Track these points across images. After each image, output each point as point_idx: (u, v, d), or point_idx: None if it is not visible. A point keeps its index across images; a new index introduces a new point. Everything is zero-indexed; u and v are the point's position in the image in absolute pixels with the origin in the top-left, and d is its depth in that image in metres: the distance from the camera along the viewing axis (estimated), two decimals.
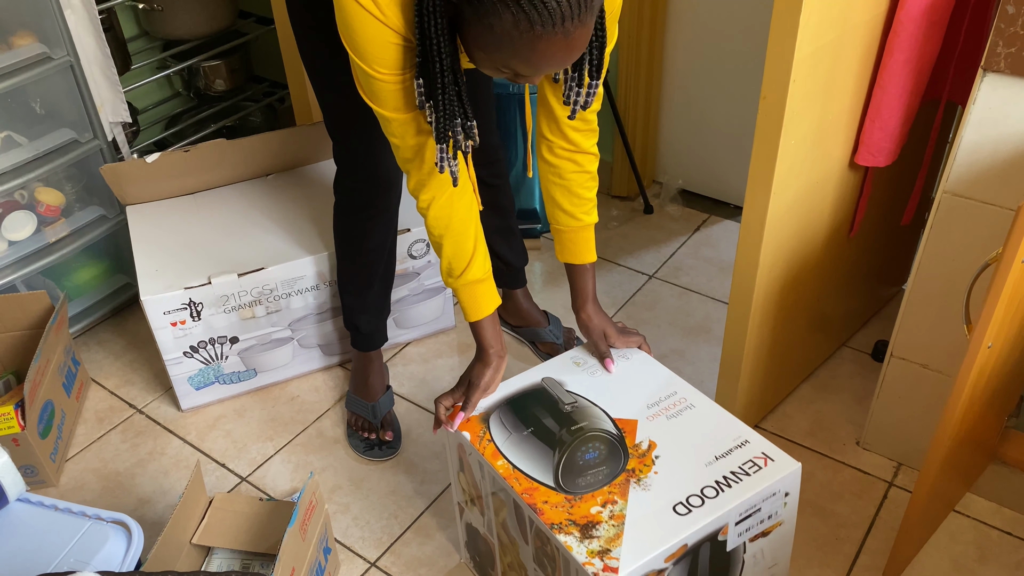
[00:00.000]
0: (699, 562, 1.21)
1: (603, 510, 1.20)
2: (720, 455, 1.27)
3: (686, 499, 1.20)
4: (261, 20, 2.66)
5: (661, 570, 1.17)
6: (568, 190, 1.41)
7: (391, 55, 1.14)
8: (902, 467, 1.73)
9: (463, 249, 1.34)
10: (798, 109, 1.35)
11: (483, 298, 1.39)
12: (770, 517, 1.27)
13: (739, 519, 1.22)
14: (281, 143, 2.08)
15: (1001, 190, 1.36)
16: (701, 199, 2.54)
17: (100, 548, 1.32)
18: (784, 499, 1.27)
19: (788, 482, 1.26)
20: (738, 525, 1.23)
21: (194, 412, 1.95)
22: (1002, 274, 1.11)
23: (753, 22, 2.15)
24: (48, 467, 1.75)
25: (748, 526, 1.24)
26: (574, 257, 1.47)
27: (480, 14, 1.00)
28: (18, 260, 1.97)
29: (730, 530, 1.22)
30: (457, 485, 1.48)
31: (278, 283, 1.84)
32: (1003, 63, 1.25)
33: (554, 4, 0.97)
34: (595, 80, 1.19)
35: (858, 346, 2.01)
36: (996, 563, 1.55)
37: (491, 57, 1.04)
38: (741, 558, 1.27)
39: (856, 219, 1.72)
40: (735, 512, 1.21)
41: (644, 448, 1.29)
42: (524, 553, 1.32)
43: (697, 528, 1.17)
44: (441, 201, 1.31)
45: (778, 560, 1.34)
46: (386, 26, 1.11)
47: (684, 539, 1.17)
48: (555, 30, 0.99)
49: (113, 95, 2.03)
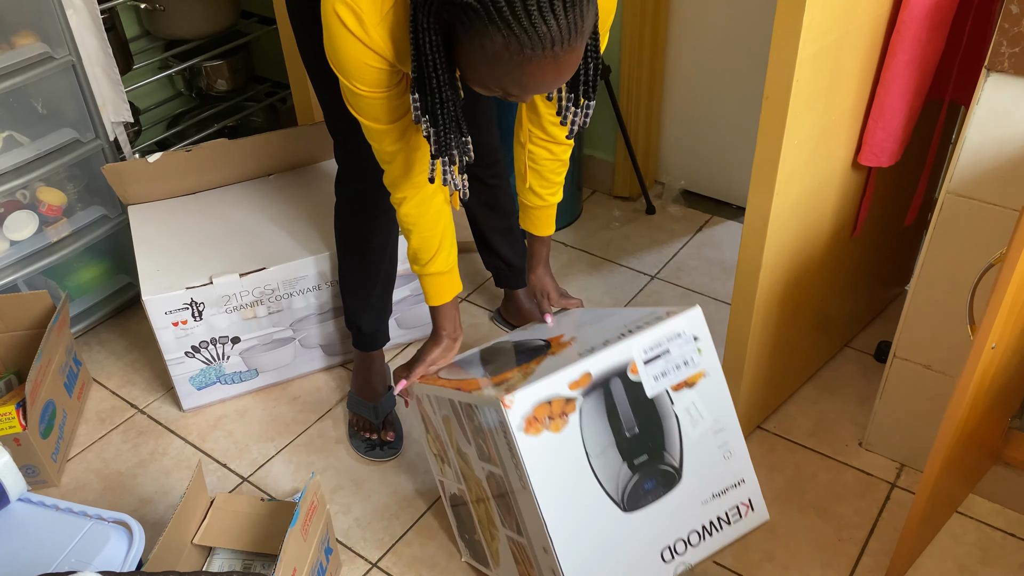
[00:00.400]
0: (615, 401, 1.24)
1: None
2: (631, 323, 1.33)
3: (590, 348, 1.27)
4: (263, 20, 2.66)
5: (570, 399, 1.21)
6: (540, 175, 1.54)
7: (373, 76, 1.18)
8: (905, 468, 1.73)
9: (429, 245, 1.43)
10: (801, 109, 1.35)
11: (444, 287, 1.49)
12: (686, 364, 1.30)
13: (646, 358, 1.27)
14: (283, 143, 2.08)
15: (1005, 190, 1.35)
16: (703, 199, 2.54)
17: (101, 548, 1.32)
18: (695, 344, 1.30)
19: (692, 325, 1.30)
20: (648, 366, 1.27)
21: (195, 412, 1.95)
22: (1006, 274, 1.11)
23: (756, 22, 2.15)
24: (49, 467, 1.75)
25: (662, 369, 1.28)
26: (535, 229, 1.63)
27: (471, 34, 1.01)
28: (20, 260, 1.97)
29: (640, 370, 1.26)
30: (430, 454, 1.55)
31: (280, 283, 1.83)
32: (1007, 63, 1.24)
33: (544, 29, 0.98)
34: (591, 100, 1.20)
35: (861, 347, 2.01)
36: (999, 565, 1.54)
37: (481, 76, 1.05)
38: (672, 413, 1.29)
39: (859, 219, 1.72)
40: (638, 347, 1.26)
41: (565, 340, 1.38)
42: (476, 466, 1.36)
43: (598, 358, 1.23)
44: (413, 203, 1.39)
45: (724, 424, 1.33)
46: (370, 49, 1.14)
47: (586, 368, 1.22)
48: (544, 54, 1.00)
49: (115, 95, 2.03)
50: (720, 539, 1.31)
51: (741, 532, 1.32)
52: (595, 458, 1.23)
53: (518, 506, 1.27)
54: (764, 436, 1.81)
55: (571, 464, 1.22)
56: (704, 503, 1.30)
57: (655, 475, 1.27)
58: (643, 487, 1.25)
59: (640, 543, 1.26)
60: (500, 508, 1.34)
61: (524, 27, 0.97)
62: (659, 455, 1.27)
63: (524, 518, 1.26)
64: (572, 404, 1.22)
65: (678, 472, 1.29)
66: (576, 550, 1.21)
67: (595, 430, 1.23)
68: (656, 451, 1.27)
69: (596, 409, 1.24)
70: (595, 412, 1.24)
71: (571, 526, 1.21)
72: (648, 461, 1.26)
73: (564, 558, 1.21)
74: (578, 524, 1.22)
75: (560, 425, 1.21)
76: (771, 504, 1.67)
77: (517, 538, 1.31)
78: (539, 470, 1.19)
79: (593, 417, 1.23)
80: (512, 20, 0.97)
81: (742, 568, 1.56)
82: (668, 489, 1.27)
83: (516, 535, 1.31)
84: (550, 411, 1.20)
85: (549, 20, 0.97)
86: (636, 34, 2.26)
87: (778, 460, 1.76)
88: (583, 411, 1.22)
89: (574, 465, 1.22)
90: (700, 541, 1.29)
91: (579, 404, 1.22)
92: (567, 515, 1.21)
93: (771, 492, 1.69)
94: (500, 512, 1.34)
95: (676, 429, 1.30)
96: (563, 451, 1.21)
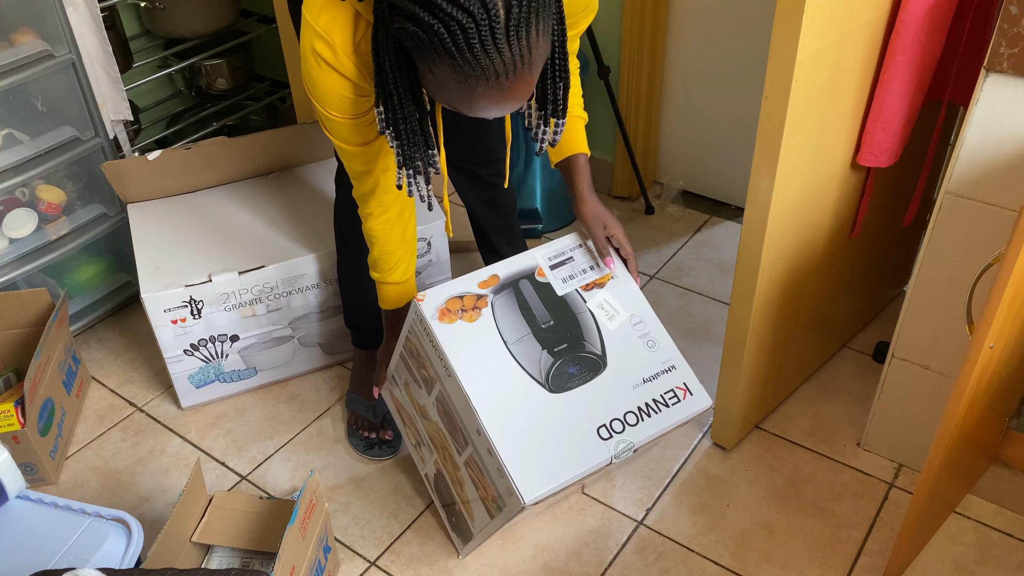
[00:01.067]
0: (526, 298, 1.37)
1: None
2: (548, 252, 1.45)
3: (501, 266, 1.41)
4: (263, 19, 2.66)
5: (481, 295, 1.35)
6: None
7: (346, 105, 1.22)
8: (903, 468, 1.73)
9: (389, 258, 1.46)
10: (800, 109, 1.35)
11: (399, 295, 1.51)
12: (592, 268, 1.44)
13: (551, 264, 1.42)
14: (282, 142, 2.08)
15: (1003, 191, 1.35)
16: (702, 200, 2.54)
17: (100, 545, 1.32)
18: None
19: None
20: (554, 271, 1.41)
21: (194, 410, 1.95)
22: (1005, 274, 1.11)
23: (755, 22, 2.15)
24: (48, 465, 1.75)
25: (568, 273, 1.42)
26: (565, 151, 1.47)
27: (421, 59, 1.03)
28: (19, 258, 1.97)
29: (547, 273, 1.41)
30: (410, 446, 1.62)
31: (279, 281, 1.83)
32: (1006, 63, 1.25)
33: (487, 61, 0.98)
34: (559, 119, 1.20)
35: (859, 347, 2.01)
36: (996, 564, 1.55)
37: (436, 96, 1.07)
38: (586, 309, 1.39)
39: (858, 220, 1.72)
40: (542, 255, 1.42)
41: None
42: (431, 409, 1.44)
43: (505, 264, 1.39)
44: (379, 220, 1.42)
45: (641, 317, 1.42)
46: (344, 78, 1.18)
47: (494, 271, 1.38)
48: (489, 84, 1.01)
49: (115, 93, 2.03)
50: (662, 420, 1.36)
51: (683, 414, 1.38)
52: (512, 344, 1.32)
53: (454, 406, 1.33)
54: (762, 436, 1.81)
55: (489, 350, 1.31)
56: (635, 387, 1.37)
57: (577, 361, 1.35)
58: (566, 371, 1.33)
59: (573, 421, 1.32)
60: (454, 440, 1.40)
61: (467, 59, 0.98)
62: (578, 344, 1.36)
63: (461, 416, 1.33)
64: (484, 300, 1.35)
65: (602, 359, 1.36)
66: (505, 426, 1.28)
67: (509, 321, 1.34)
68: (575, 340, 1.36)
69: (508, 304, 1.35)
70: (507, 307, 1.35)
71: (497, 401, 1.29)
72: (568, 348, 1.35)
73: (494, 432, 1.27)
74: (505, 400, 1.29)
75: (474, 316, 1.33)
76: (769, 504, 1.67)
77: (469, 456, 1.37)
78: (458, 353, 1.29)
79: (506, 310, 1.34)
80: (455, 51, 0.98)
81: (740, 567, 1.56)
82: (594, 374, 1.35)
83: (467, 451, 1.37)
84: (462, 304, 1.32)
85: (491, 53, 0.97)
86: (636, 34, 2.26)
87: (776, 460, 1.76)
88: (495, 305, 1.34)
89: (492, 350, 1.31)
90: (639, 421, 1.35)
91: (491, 300, 1.34)
92: (492, 391, 1.29)
93: (769, 492, 1.69)
94: (454, 443, 1.40)
95: (593, 323, 1.39)
96: (480, 338, 1.31)
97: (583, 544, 1.62)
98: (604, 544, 1.61)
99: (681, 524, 1.64)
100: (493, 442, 1.26)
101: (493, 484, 1.33)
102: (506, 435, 1.27)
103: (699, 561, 1.58)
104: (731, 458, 1.76)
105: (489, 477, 1.33)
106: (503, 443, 1.27)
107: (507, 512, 1.33)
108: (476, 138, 1.74)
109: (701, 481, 1.72)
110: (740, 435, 1.79)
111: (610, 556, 1.60)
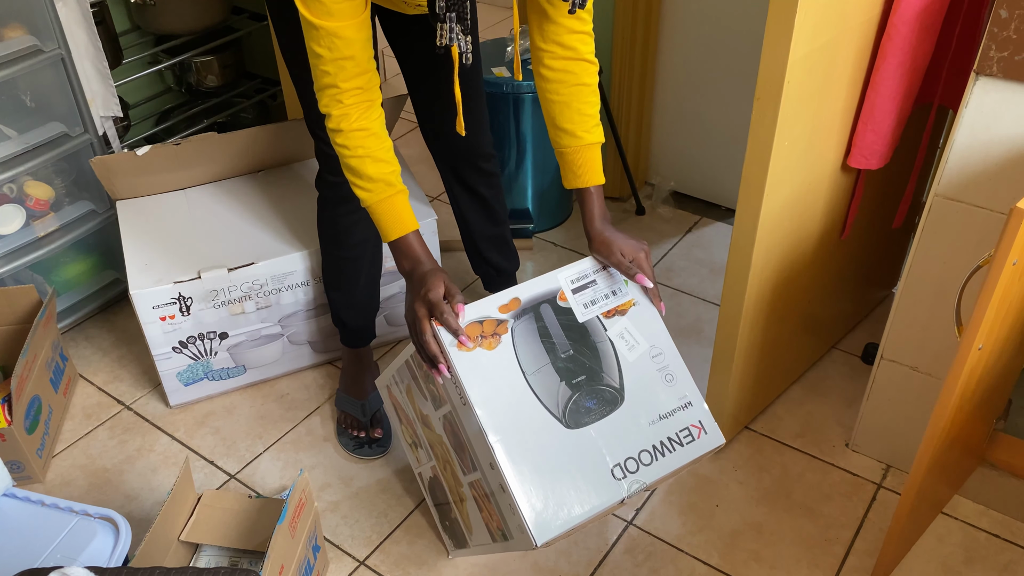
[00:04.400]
0: (547, 324, 1.32)
1: None
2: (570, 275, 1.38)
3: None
4: (254, 16, 2.65)
5: (501, 320, 1.29)
6: (567, 106, 1.38)
7: None
8: (891, 469, 1.74)
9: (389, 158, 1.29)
10: (792, 111, 1.35)
11: (394, 215, 1.31)
12: (615, 293, 1.37)
13: (573, 287, 1.35)
14: (272, 138, 2.07)
15: (992, 194, 1.36)
16: (693, 201, 2.54)
17: (87, 544, 1.32)
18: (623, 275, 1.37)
19: None
20: (577, 295, 1.35)
21: (183, 409, 1.94)
22: (994, 276, 1.12)
23: (747, 23, 2.16)
24: (35, 463, 1.74)
25: (590, 298, 1.35)
26: (579, 180, 1.40)
27: None
28: (6, 254, 1.95)
29: (569, 298, 1.34)
30: (406, 445, 1.59)
31: (268, 278, 1.83)
32: (996, 67, 1.25)
33: None
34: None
35: (848, 348, 2.02)
36: (983, 565, 1.56)
37: None
38: (607, 338, 1.34)
39: (848, 221, 1.73)
40: (564, 277, 1.35)
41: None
42: (435, 422, 1.41)
43: (526, 286, 1.32)
44: (356, 114, 1.26)
45: (661, 349, 1.37)
46: None
47: (515, 294, 1.31)
48: None
49: (104, 89, 2.01)
50: (675, 460, 1.33)
51: (696, 454, 1.35)
52: (531, 375, 1.28)
53: (466, 432, 1.30)
54: (751, 436, 1.82)
55: (507, 380, 1.27)
56: (652, 424, 1.33)
57: (595, 394, 1.31)
58: (584, 405, 1.29)
59: (588, 459, 1.28)
60: (459, 457, 1.37)
61: None
62: (597, 376, 1.32)
63: (472, 444, 1.29)
64: (504, 326, 1.29)
65: (619, 393, 1.32)
66: (521, 464, 1.24)
67: (529, 350, 1.29)
68: (594, 372, 1.32)
69: (528, 330, 1.30)
70: (527, 333, 1.30)
71: (514, 438, 1.24)
72: (586, 381, 1.31)
73: (509, 471, 1.23)
74: (521, 436, 1.25)
75: (493, 344, 1.28)
76: (758, 504, 1.67)
77: (475, 479, 1.34)
78: (475, 382, 1.24)
79: (526, 338, 1.29)
80: None
81: (729, 567, 1.57)
82: (612, 409, 1.31)
83: (474, 475, 1.34)
84: (482, 330, 1.27)
85: None
86: (627, 35, 2.27)
87: (765, 460, 1.76)
88: (515, 332, 1.29)
89: (511, 381, 1.27)
90: (653, 461, 1.31)
91: (511, 325, 1.29)
92: (508, 425, 1.25)
93: (758, 492, 1.70)
94: (459, 461, 1.38)
95: (612, 353, 1.34)
96: (498, 367, 1.27)
97: (573, 543, 1.62)
98: (594, 543, 1.62)
99: (670, 524, 1.65)
100: (508, 481, 1.22)
101: (502, 516, 1.30)
102: (521, 474, 1.23)
103: (688, 561, 1.58)
104: (720, 458, 1.77)
105: (498, 508, 1.30)
106: (518, 483, 1.23)
107: (514, 544, 1.30)
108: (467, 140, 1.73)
109: (690, 481, 1.73)
110: (729, 436, 1.79)
111: (600, 556, 1.60)
